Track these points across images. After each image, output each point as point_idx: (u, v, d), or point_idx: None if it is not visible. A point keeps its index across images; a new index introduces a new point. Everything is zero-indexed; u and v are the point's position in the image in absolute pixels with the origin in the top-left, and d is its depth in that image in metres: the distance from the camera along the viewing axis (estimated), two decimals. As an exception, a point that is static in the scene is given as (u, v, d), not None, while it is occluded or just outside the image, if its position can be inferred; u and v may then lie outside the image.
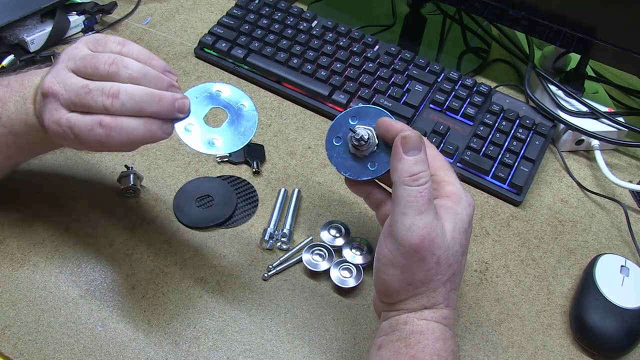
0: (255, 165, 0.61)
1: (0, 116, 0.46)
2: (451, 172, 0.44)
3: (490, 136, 0.64)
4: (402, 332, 0.41)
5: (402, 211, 0.39)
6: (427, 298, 0.41)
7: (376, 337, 0.43)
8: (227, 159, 0.61)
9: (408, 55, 0.71)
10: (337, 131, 0.44)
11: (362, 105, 0.44)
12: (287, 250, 0.55)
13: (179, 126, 0.44)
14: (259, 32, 0.72)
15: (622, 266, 0.53)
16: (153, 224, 0.55)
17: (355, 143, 0.42)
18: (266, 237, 0.54)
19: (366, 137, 0.42)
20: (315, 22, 0.75)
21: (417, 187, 0.39)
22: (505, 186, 0.62)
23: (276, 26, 0.73)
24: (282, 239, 0.54)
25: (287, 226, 0.56)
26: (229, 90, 0.46)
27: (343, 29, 0.73)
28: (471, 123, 0.66)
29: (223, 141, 0.44)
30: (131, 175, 0.56)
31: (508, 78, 0.76)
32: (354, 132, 0.42)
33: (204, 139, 0.44)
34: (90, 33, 0.73)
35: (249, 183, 0.59)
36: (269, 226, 0.55)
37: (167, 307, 0.50)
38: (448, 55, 0.78)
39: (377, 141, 0.43)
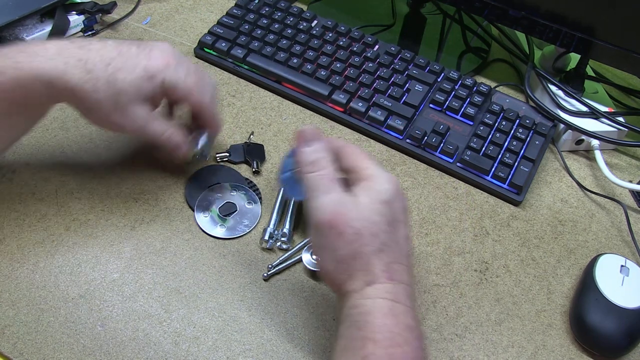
0: (255, 165, 0.61)
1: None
2: (368, 160, 0.45)
3: (490, 136, 0.64)
4: (353, 317, 0.41)
5: (311, 195, 0.43)
6: (365, 273, 0.41)
7: (337, 329, 0.43)
8: (226, 159, 0.61)
9: (408, 55, 0.71)
10: (285, 169, 0.51)
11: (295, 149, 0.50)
12: (287, 250, 0.55)
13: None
14: (259, 31, 0.72)
15: (622, 266, 0.53)
16: (153, 224, 0.55)
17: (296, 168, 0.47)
18: (266, 237, 0.54)
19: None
20: (315, 21, 0.75)
21: (317, 172, 0.43)
22: (505, 186, 0.62)
23: (276, 26, 0.73)
24: (282, 239, 0.54)
25: (287, 226, 0.56)
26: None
27: (343, 28, 0.73)
28: (471, 123, 0.66)
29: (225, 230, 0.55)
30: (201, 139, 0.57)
31: (508, 78, 0.76)
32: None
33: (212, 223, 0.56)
34: (89, 33, 0.73)
35: (251, 182, 0.60)
36: (268, 226, 0.55)
37: (167, 306, 0.50)
38: (448, 55, 0.78)
39: None
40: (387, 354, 0.38)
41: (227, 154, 0.61)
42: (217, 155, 0.61)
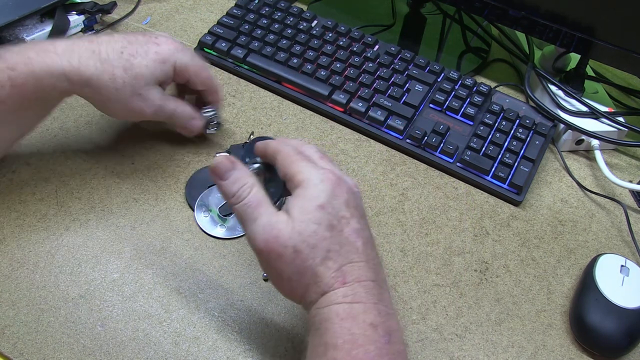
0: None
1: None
2: (299, 161, 0.43)
3: (490, 136, 0.64)
4: (315, 325, 0.40)
5: (243, 226, 0.42)
6: (316, 285, 0.40)
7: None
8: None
9: (408, 55, 0.71)
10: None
11: (247, 142, 0.50)
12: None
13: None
14: (259, 31, 0.72)
15: (622, 266, 0.53)
16: (153, 224, 0.55)
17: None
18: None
19: (256, 170, 0.48)
20: (315, 22, 0.75)
21: (242, 202, 0.42)
22: (505, 186, 0.62)
23: (276, 26, 0.73)
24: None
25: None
26: None
27: (343, 28, 0.73)
28: (471, 123, 0.66)
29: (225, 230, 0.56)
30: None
31: (508, 78, 0.76)
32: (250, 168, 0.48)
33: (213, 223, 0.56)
34: (89, 33, 0.73)
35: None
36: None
37: (167, 307, 0.50)
38: (448, 55, 0.78)
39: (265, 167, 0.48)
40: (349, 357, 0.38)
41: (227, 154, 0.61)
42: (217, 155, 0.61)
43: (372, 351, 0.38)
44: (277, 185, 0.47)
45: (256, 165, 0.48)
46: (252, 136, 0.64)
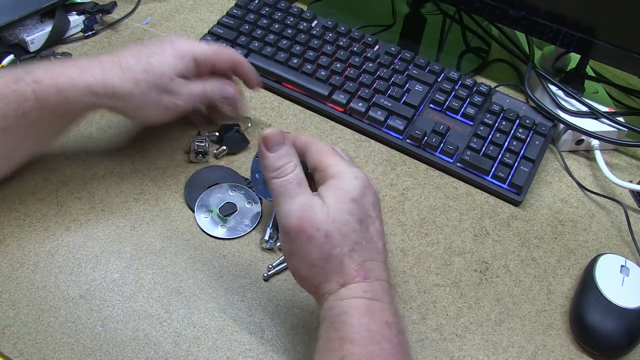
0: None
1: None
2: (334, 155, 0.45)
3: (490, 136, 0.64)
4: (330, 318, 0.40)
5: (278, 202, 0.43)
6: (339, 275, 0.41)
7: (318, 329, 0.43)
8: (224, 152, 0.61)
9: (408, 55, 0.71)
10: (255, 170, 0.54)
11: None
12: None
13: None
14: (259, 32, 0.72)
15: (622, 266, 0.53)
16: (153, 224, 0.55)
17: None
18: (266, 237, 0.54)
19: None
20: (315, 22, 0.75)
21: (283, 178, 0.43)
22: (505, 186, 0.62)
23: (276, 26, 0.73)
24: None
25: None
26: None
27: (343, 29, 0.73)
28: (471, 123, 0.66)
29: (226, 230, 0.55)
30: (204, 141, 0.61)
31: (508, 78, 0.76)
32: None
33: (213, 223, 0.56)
34: (89, 33, 0.73)
35: (251, 181, 0.60)
36: (269, 226, 0.55)
37: (167, 307, 0.50)
38: (448, 55, 0.78)
39: None
40: (366, 353, 0.38)
41: (224, 148, 0.61)
42: (215, 152, 0.61)
43: (387, 349, 0.39)
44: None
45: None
46: (250, 124, 0.64)
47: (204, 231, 0.55)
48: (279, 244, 0.55)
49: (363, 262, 0.41)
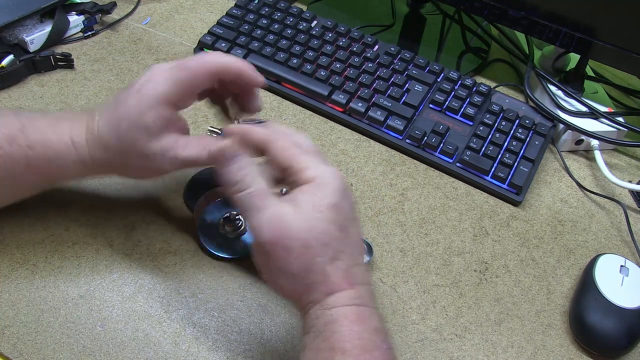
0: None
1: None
2: (307, 155, 0.42)
3: (489, 136, 0.64)
4: (318, 327, 0.39)
5: (246, 216, 0.40)
6: (323, 284, 0.39)
7: (302, 338, 0.41)
8: None
9: (408, 55, 0.71)
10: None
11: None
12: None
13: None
14: (259, 32, 0.72)
15: (621, 266, 0.53)
16: (153, 224, 0.55)
17: None
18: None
19: None
20: (315, 22, 0.75)
21: (246, 191, 0.40)
22: (504, 186, 0.62)
23: (276, 26, 0.73)
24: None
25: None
26: None
27: (343, 29, 0.73)
28: (471, 123, 0.66)
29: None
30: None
31: (508, 78, 0.76)
32: None
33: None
34: (89, 33, 0.73)
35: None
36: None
37: (167, 307, 0.50)
38: (448, 55, 0.78)
39: None
40: None
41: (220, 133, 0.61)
42: (210, 129, 0.61)
43: (378, 357, 0.38)
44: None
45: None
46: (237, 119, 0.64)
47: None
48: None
49: (347, 268, 0.39)
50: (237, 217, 0.53)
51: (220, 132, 0.50)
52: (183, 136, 0.46)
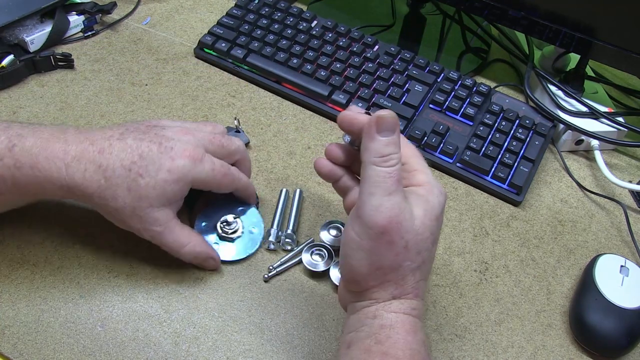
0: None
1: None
2: (422, 160, 0.43)
3: (490, 136, 0.64)
4: (372, 328, 0.39)
5: (370, 191, 0.39)
6: (396, 286, 0.40)
7: (344, 334, 0.41)
8: None
9: (408, 55, 0.71)
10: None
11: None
12: (290, 250, 0.54)
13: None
14: (259, 32, 0.72)
15: (621, 266, 0.53)
16: (153, 224, 0.55)
17: None
18: (272, 238, 0.54)
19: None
20: (315, 22, 0.75)
21: (386, 168, 0.39)
22: (504, 186, 0.62)
23: (276, 26, 0.73)
24: (287, 240, 0.54)
25: (292, 227, 0.55)
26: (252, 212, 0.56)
27: (343, 29, 0.73)
28: (471, 123, 0.66)
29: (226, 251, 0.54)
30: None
31: (508, 78, 0.76)
32: None
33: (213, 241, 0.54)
34: (89, 33, 0.73)
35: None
36: (272, 227, 0.55)
37: (167, 307, 0.50)
38: (448, 55, 0.78)
39: None
40: None
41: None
42: None
43: None
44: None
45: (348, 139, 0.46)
46: (236, 121, 0.64)
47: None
48: (284, 245, 0.54)
49: (419, 280, 0.40)
50: (234, 219, 0.54)
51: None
52: (186, 226, 0.51)
